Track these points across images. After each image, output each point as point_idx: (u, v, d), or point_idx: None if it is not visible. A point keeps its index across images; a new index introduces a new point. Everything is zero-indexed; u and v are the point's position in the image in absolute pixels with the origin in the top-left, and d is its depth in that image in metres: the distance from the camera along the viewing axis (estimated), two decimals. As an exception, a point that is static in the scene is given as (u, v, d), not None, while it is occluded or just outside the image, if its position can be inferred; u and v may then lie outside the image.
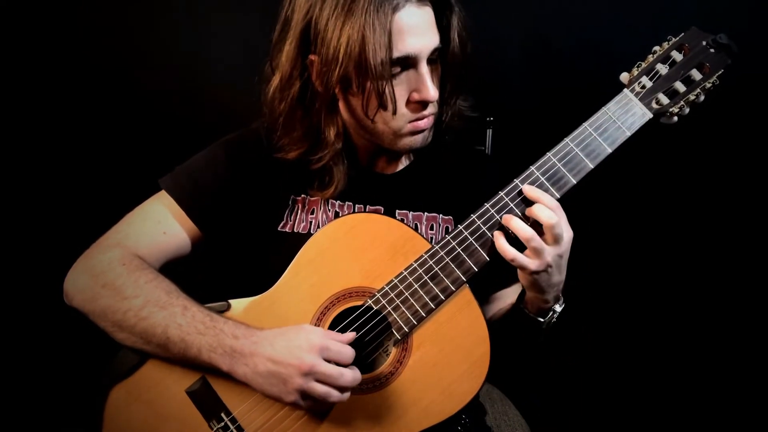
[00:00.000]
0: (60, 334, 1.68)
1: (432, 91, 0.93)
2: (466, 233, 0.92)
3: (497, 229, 0.91)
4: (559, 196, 0.92)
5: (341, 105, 1.00)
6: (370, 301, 0.93)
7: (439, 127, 1.05)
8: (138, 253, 0.99)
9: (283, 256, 0.96)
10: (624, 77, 0.95)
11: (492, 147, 1.39)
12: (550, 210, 0.88)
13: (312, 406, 0.87)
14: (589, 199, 1.11)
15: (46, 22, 1.64)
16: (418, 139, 0.99)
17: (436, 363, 0.92)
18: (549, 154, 0.92)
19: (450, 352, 0.92)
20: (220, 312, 0.94)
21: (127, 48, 1.67)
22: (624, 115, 0.92)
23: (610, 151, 0.92)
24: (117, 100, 1.69)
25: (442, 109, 1.03)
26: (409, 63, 0.92)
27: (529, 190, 0.90)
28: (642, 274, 1.72)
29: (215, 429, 0.91)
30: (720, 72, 0.92)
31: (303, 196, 1.05)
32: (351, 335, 0.89)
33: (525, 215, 0.91)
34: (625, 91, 0.93)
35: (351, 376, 0.86)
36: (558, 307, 0.99)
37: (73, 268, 0.99)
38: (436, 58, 0.95)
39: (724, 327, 1.68)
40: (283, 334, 0.88)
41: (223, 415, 0.91)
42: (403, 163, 1.10)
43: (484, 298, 1.11)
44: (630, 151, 0.94)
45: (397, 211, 1.06)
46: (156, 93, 1.69)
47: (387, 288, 0.93)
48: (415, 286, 0.92)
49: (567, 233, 0.89)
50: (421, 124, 0.97)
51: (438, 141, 1.06)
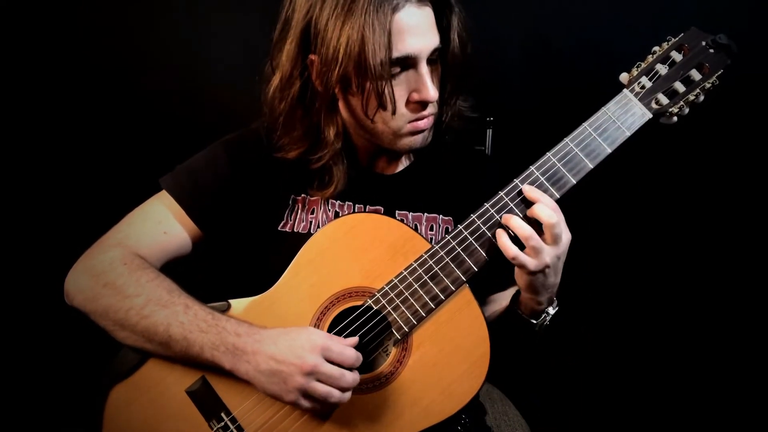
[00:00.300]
0: (60, 334, 1.68)
1: (432, 92, 0.93)
2: (466, 233, 0.92)
3: (500, 228, 0.91)
4: (558, 196, 0.92)
5: (341, 105, 1.00)
6: (370, 301, 0.93)
7: (439, 127, 1.05)
8: (139, 252, 0.99)
9: (283, 256, 0.96)
10: (624, 77, 0.95)
11: (492, 147, 1.39)
12: (550, 210, 0.88)
13: (312, 406, 0.87)
14: (589, 199, 1.11)
15: (46, 22, 1.64)
16: (418, 140, 0.99)
17: (436, 363, 0.92)
18: (549, 154, 0.92)
19: (450, 352, 0.92)
20: (221, 312, 0.94)
21: (127, 48, 1.67)
22: (624, 115, 0.92)
23: (609, 151, 0.92)
24: (117, 100, 1.69)
25: (441, 110, 1.03)
26: (408, 63, 0.92)
27: (529, 191, 0.90)
28: (642, 274, 1.72)
29: (215, 429, 0.91)
30: (719, 72, 0.92)
31: (303, 195, 1.05)
32: (354, 339, 0.89)
33: (525, 215, 0.91)
34: (625, 91, 0.93)
35: (352, 377, 0.86)
36: (551, 310, 0.99)
37: (73, 268, 0.99)
38: (436, 59, 0.95)
39: (723, 327, 1.68)
40: (287, 333, 0.88)
41: (223, 414, 0.92)
42: (403, 163, 1.10)
43: (481, 299, 1.11)
44: (630, 151, 0.94)
45: (397, 211, 1.06)
46: (156, 93, 1.69)
47: (387, 288, 0.93)
48: (415, 286, 0.92)
49: (566, 234, 0.89)
50: (421, 124, 0.97)
51: (438, 141, 1.06)
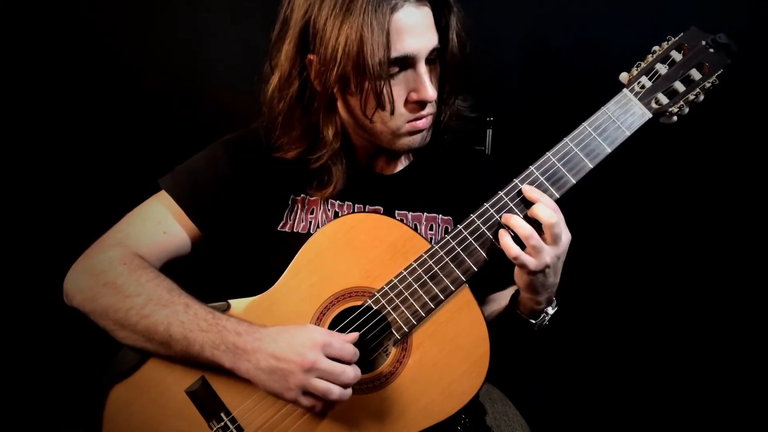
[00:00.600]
0: (60, 334, 1.68)
1: (430, 91, 0.93)
2: (466, 233, 0.92)
3: (502, 228, 0.91)
4: (558, 196, 0.92)
5: (340, 104, 1.00)
6: (370, 301, 0.93)
7: (438, 127, 1.05)
8: (138, 252, 0.99)
9: (282, 256, 0.96)
10: (623, 77, 0.95)
11: (491, 147, 1.39)
12: (549, 210, 0.88)
13: (312, 403, 0.86)
14: (589, 199, 1.11)
15: (46, 22, 1.64)
16: (417, 139, 0.99)
17: (435, 363, 0.92)
18: (548, 154, 0.92)
19: (450, 351, 0.92)
20: (221, 312, 0.93)
21: (127, 48, 1.67)
22: (623, 114, 0.92)
23: (609, 150, 0.92)
24: (117, 100, 1.69)
25: (440, 110, 1.03)
26: (407, 63, 0.92)
27: (529, 190, 0.90)
28: (641, 274, 1.71)
29: (215, 429, 0.91)
30: (719, 72, 0.92)
31: (303, 195, 1.05)
32: (354, 335, 0.89)
33: (525, 215, 0.90)
34: (625, 90, 0.93)
35: (353, 373, 0.86)
36: (550, 310, 0.99)
37: (73, 268, 0.99)
38: (434, 58, 0.95)
39: (723, 327, 1.68)
40: (286, 331, 0.88)
41: (222, 414, 0.92)
42: (403, 163, 1.10)
43: (481, 299, 1.11)
44: (629, 151, 0.94)
45: (396, 211, 1.06)
46: (156, 93, 1.69)
47: (386, 288, 0.93)
48: (415, 286, 0.92)
49: (565, 234, 0.89)
50: (420, 124, 0.97)
51: (437, 141, 1.06)
